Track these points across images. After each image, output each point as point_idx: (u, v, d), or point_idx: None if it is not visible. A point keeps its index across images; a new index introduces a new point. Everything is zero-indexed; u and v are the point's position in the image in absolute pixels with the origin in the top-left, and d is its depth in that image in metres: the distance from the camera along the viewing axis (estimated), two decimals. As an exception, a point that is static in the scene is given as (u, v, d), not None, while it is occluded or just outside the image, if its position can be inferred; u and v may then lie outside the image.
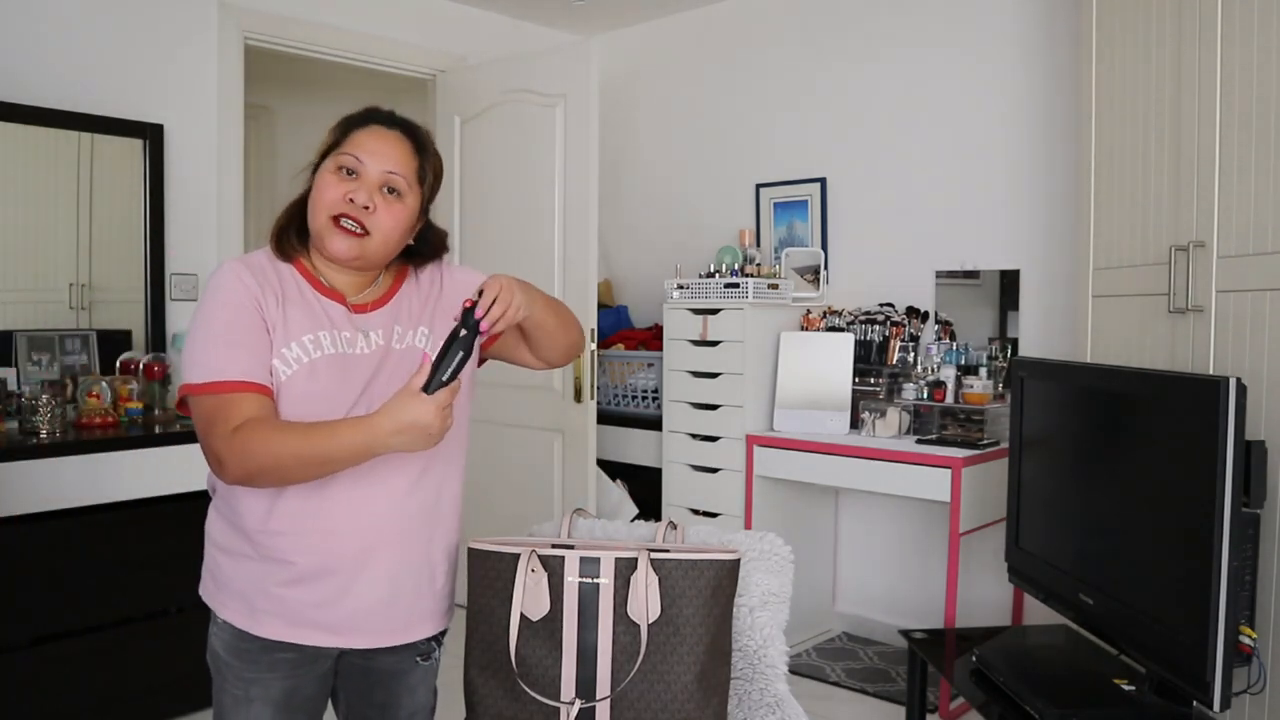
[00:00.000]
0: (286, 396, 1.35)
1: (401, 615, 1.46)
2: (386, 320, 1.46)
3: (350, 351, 1.40)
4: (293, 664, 1.43)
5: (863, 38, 3.63)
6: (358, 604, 1.41)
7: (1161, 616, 1.91)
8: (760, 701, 1.56)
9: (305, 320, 1.39)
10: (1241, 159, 2.06)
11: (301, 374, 1.36)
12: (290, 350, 1.36)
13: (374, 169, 1.38)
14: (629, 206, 4.42)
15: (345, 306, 1.43)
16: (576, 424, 3.57)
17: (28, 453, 2.48)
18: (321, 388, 1.37)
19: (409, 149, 1.42)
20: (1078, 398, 2.30)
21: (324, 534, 1.39)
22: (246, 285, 1.37)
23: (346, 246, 1.38)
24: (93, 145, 3.06)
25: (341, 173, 1.38)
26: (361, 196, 1.36)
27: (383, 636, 1.46)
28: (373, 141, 1.39)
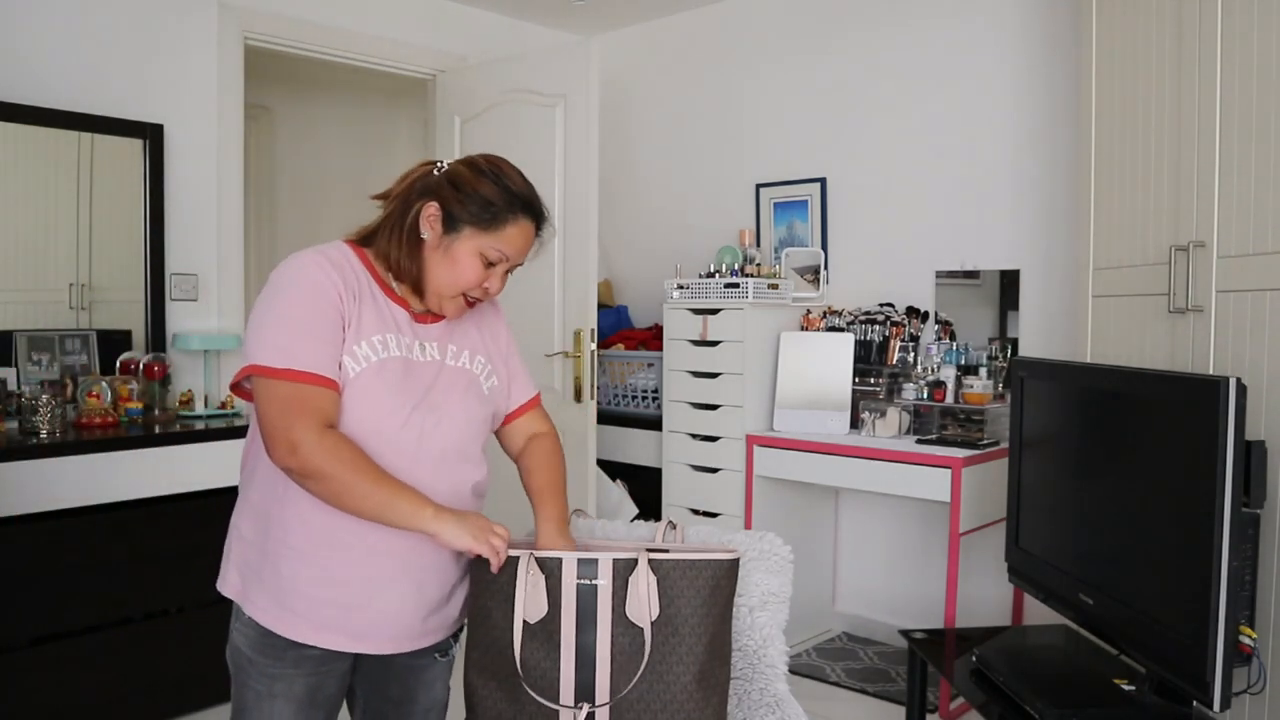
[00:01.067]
0: (352, 392, 1.38)
1: (426, 623, 1.49)
2: (442, 336, 1.51)
3: (412, 357, 1.45)
4: (318, 661, 1.45)
5: (862, 38, 3.63)
6: (386, 613, 1.44)
7: (1161, 616, 1.91)
8: (760, 701, 1.56)
9: (376, 321, 1.43)
10: (1241, 159, 2.06)
11: (370, 372, 1.39)
12: (360, 348, 1.39)
13: (510, 264, 1.49)
14: (629, 206, 4.42)
15: (409, 314, 1.48)
16: (576, 424, 3.57)
17: (28, 453, 2.48)
18: (386, 388, 1.40)
19: (531, 240, 1.52)
20: (1078, 398, 2.30)
21: (365, 547, 1.41)
22: (331, 279, 1.39)
23: (459, 315, 1.50)
24: (93, 145, 3.06)
25: (488, 262, 1.46)
26: (495, 286, 1.49)
27: (404, 643, 1.48)
28: (520, 240, 1.48)
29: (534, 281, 3.63)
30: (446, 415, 1.46)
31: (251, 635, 1.45)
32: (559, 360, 3.60)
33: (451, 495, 1.46)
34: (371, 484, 1.33)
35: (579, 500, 3.54)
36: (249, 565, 1.46)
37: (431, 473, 1.44)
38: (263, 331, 1.36)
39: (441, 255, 1.45)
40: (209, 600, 2.65)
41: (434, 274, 1.45)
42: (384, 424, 1.40)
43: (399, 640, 1.47)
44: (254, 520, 1.46)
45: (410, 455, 1.42)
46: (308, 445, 1.30)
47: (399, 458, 1.41)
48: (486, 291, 1.48)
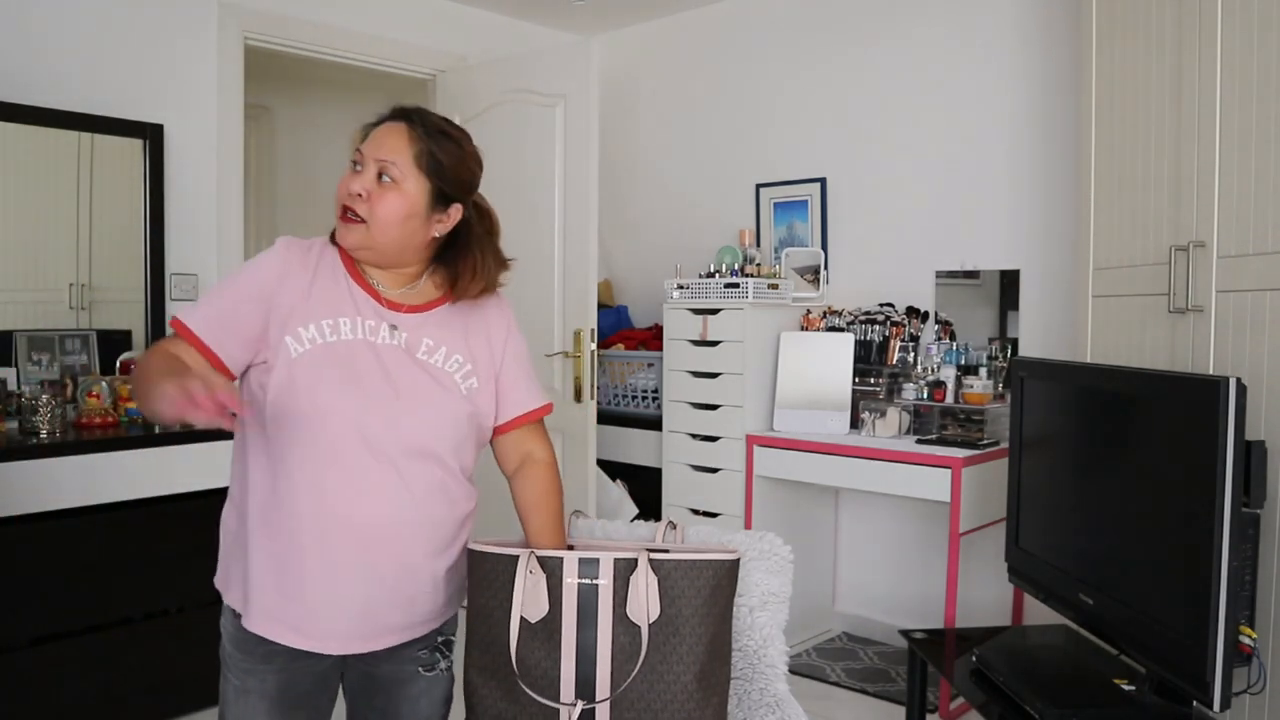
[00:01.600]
0: (299, 372, 1.37)
1: (380, 624, 1.44)
2: (417, 327, 1.47)
3: (371, 339, 1.43)
4: (287, 658, 1.44)
5: (863, 38, 3.63)
6: (330, 609, 1.40)
7: (1161, 616, 1.91)
8: (760, 701, 1.56)
9: (329, 303, 1.42)
10: (1241, 159, 2.06)
11: (315, 353, 1.39)
12: (306, 330, 1.39)
13: (370, 161, 1.42)
14: (629, 206, 4.42)
15: (377, 300, 1.46)
16: (576, 424, 3.57)
17: (28, 453, 2.48)
18: (331, 370, 1.38)
19: (405, 135, 1.42)
20: (1078, 398, 2.30)
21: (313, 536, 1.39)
22: (281, 260, 1.43)
23: (350, 236, 1.42)
24: (93, 145, 3.06)
25: (352, 167, 1.43)
26: (355, 185, 1.41)
27: (353, 643, 1.44)
28: (376, 135, 1.44)
29: (534, 281, 3.64)
30: (412, 408, 1.42)
31: (230, 629, 1.46)
32: (559, 360, 3.60)
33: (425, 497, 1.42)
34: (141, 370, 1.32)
35: (579, 500, 3.54)
36: (230, 555, 1.47)
37: (396, 470, 1.40)
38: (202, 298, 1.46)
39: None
40: (209, 600, 2.65)
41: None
42: (331, 405, 1.37)
43: (346, 640, 1.43)
44: (229, 509, 1.49)
45: (367, 444, 1.38)
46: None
47: (349, 443, 1.37)
48: (350, 192, 1.41)
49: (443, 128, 1.47)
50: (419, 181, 1.42)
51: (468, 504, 1.52)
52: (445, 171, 1.45)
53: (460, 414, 1.46)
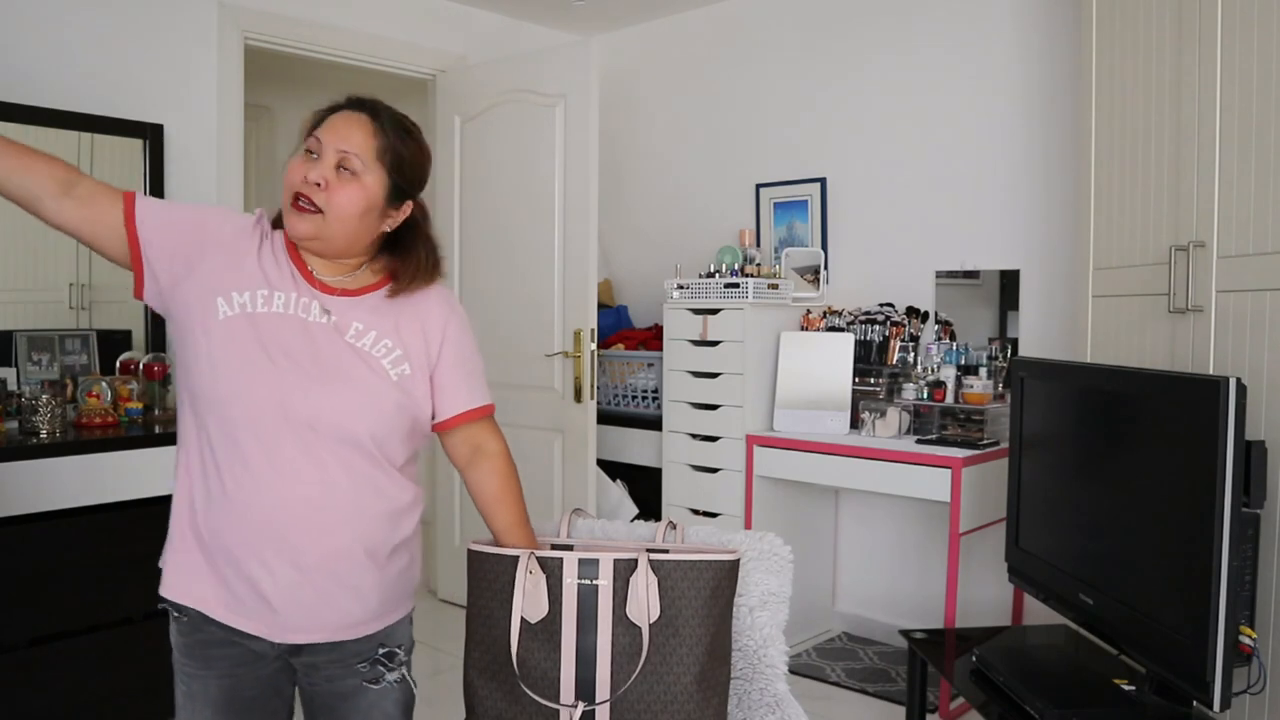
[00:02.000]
0: (224, 334, 1.35)
1: (300, 614, 1.40)
2: (347, 310, 1.43)
3: (303, 316, 1.40)
4: (231, 662, 1.43)
5: (863, 38, 3.63)
6: (248, 588, 1.38)
7: (1161, 616, 1.91)
8: (760, 701, 1.56)
9: (267, 276, 1.40)
10: (1241, 159, 2.06)
11: (241, 320, 1.36)
12: (240, 295, 1.38)
13: (330, 149, 1.39)
14: (629, 206, 4.42)
15: (311, 282, 1.43)
16: (576, 424, 3.57)
17: (28, 453, 2.48)
18: (259, 338, 1.36)
19: (368, 128, 1.41)
20: (1078, 398, 2.30)
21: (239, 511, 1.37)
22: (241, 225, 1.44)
23: (304, 225, 1.39)
24: (93, 145, 3.06)
25: (306, 155, 1.41)
26: (314, 174, 1.38)
27: (276, 630, 1.40)
28: (337, 123, 1.41)
29: (534, 282, 3.64)
30: (337, 388, 1.37)
31: (174, 632, 1.47)
32: (559, 360, 3.61)
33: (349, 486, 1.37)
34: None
35: (579, 500, 3.54)
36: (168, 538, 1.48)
37: (319, 452, 1.35)
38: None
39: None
40: (209, 600, 2.67)
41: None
42: (255, 375, 1.34)
43: (272, 626, 1.39)
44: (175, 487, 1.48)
45: (289, 420, 1.34)
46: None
47: (272, 419, 1.34)
48: (306, 180, 1.37)
49: (404, 123, 1.46)
50: (379, 176, 1.41)
51: (402, 501, 1.45)
52: (405, 168, 1.44)
53: (387, 399, 1.41)
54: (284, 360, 1.36)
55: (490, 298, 3.79)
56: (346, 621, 1.43)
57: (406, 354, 1.45)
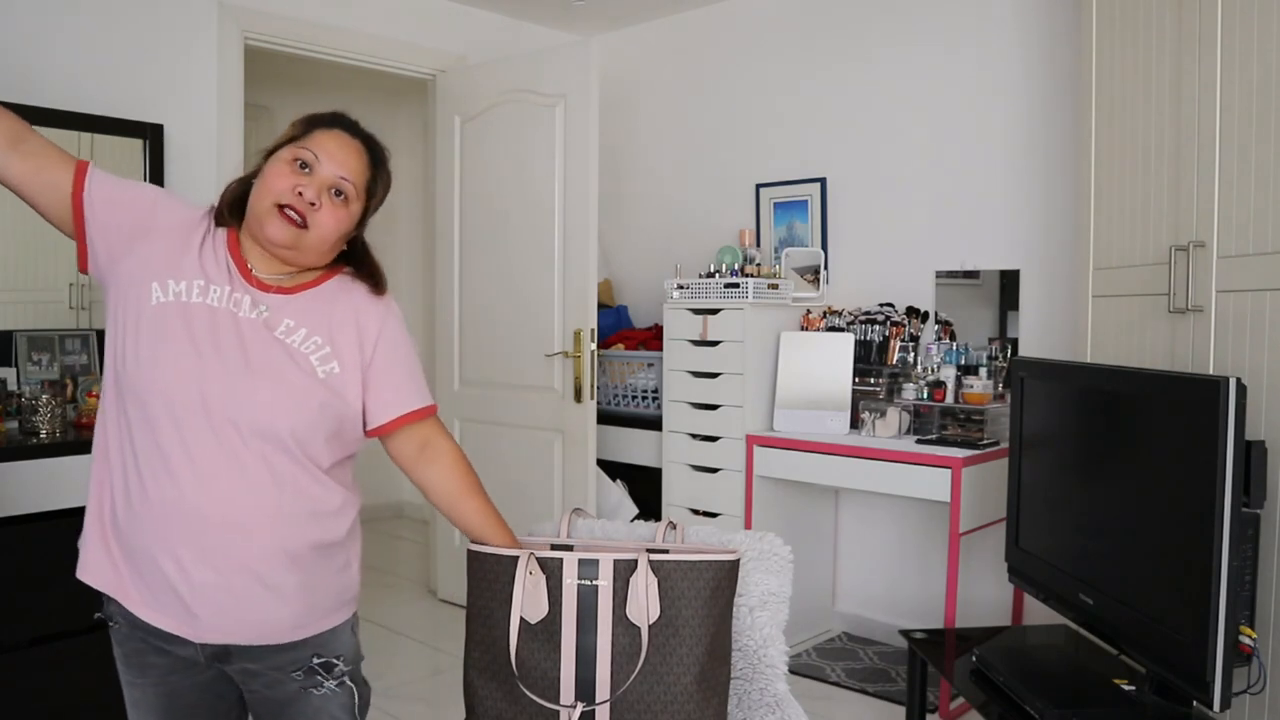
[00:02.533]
0: (153, 319, 1.34)
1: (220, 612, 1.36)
2: (279, 307, 1.42)
3: (233, 311, 1.38)
4: (164, 669, 1.43)
5: (862, 38, 3.63)
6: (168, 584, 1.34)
7: (1161, 616, 1.91)
8: (760, 701, 1.56)
9: (205, 269, 1.39)
10: (1241, 159, 2.06)
11: (173, 307, 1.35)
12: (176, 284, 1.37)
13: (328, 170, 1.40)
14: (629, 206, 4.42)
15: (247, 278, 1.42)
16: (576, 424, 3.57)
17: (28, 453, 2.48)
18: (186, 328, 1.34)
19: (366, 160, 1.45)
20: (1078, 398, 2.30)
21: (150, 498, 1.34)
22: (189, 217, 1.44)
23: (284, 234, 1.38)
24: (93, 145, 3.06)
25: (296, 165, 1.39)
26: (310, 192, 1.38)
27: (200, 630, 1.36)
28: (333, 144, 1.42)
29: (534, 281, 3.64)
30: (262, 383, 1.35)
31: (112, 640, 1.47)
32: (559, 360, 3.61)
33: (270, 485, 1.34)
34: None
35: (579, 500, 3.54)
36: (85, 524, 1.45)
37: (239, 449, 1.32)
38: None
39: (259, 180, 1.41)
40: (209, 600, 2.66)
41: (253, 198, 1.41)
42: (179, 364, 1.32)
43: (194, 625, 1.35)
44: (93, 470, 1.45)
45: (209, 413, 1.32)
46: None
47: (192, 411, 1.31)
48: (300, 196, 1.37)
49: (385, 156, 1.50)
50: (359, 204, 1.46)
51: (329, 504, 1.42)
52: (377, 201, 1.50)
53: (312, 397, 1.38)
54: (211, 353, 1.34)
55: (490, 298, 3.79)
56: (269, 623, 1.39)
57: (336, 352, 1.42)
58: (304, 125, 1.44)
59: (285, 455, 1.36)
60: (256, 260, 1.43)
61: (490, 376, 3.81)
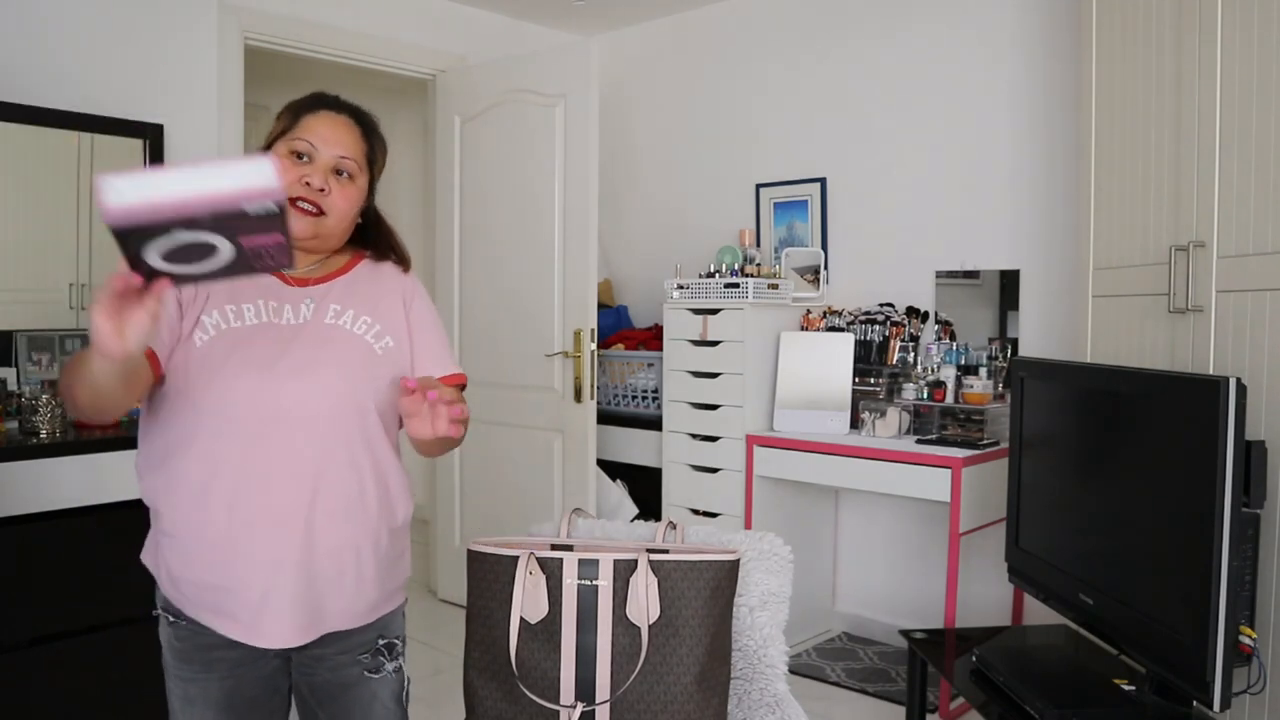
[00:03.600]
0: (203, 360, 1.35)
1: (304, 610, 1.38)
2: (323, 295, 1.45)
3: (276, 321, 1.40)
4: (231, 664, 1.42)
5: (863, 38, 3.63)
6: (255, 590, 1.35)
7: (1161, 616, 1.91)
8: (760, 701, 1.56)
9: (230, 290, 1.40)
10: (1241, 159, 2.06)
11: (219, 342, 1.36)
12: (210, 317, 1.38)
13: (326, 154, 1.43)
14: (629, 206, 4.42)
15: (283, 280, 1.44)
16: (576, 424, 3.57)
17: (28, 453, 2.48)
18: (239, 356, 1.35)
19: (358, 134, 1.48)
20: (1078, 398, 2.30)
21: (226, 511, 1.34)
22: None
23: (305, 226, 1.41)
24: (93, 145, 3.06)
25: (295, 157, 1.42)
26: (317, 180, 1.41)
27: (288, 635, 1.38)
28: (324, 127, 1.44)
29: (534, 281, 3.64)
30: (318, 374, 1.37)
31: (167, 636, 1.48)
32: (559, 360, 3.60)
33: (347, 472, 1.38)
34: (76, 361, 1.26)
35: (579, 500, 3.54)
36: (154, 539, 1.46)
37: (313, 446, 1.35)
38: None
39: None
40: (209, 600, 2.66)
41: None
42: (233, 387, 1.34)
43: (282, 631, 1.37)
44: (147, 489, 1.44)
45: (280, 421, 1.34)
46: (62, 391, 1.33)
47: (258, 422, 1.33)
48: (308, 186, 1.40)
49: (375, 123, 1.53)
50: (364, 177, 1.48)
51: (397, 486, 1.46)
52: (379, 168, 1.53)
53: (378, 375, 1.42)
54: (270, 363, 1.36)
55: (490, 298, 3.79)
56: (353, 608, 1.43)
57: (386, 328, 1.47)
58: (290, 115, 1.47)
59: (363, 443, 1.41)
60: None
61: (490, 376, 3.80)
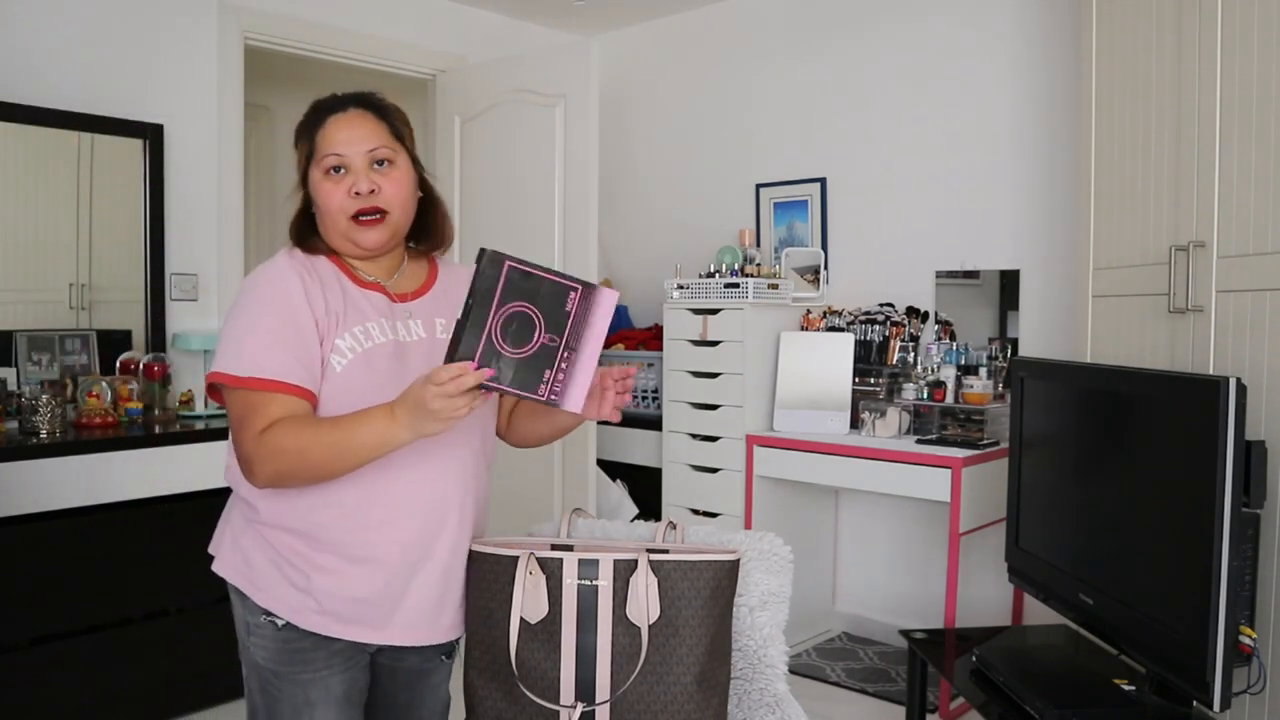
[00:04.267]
0: (344, 387, 1.35)
1: (447, 612, 1.45)
2: (427, 310, 1.48)
3: (401, 339, 1.42)
4: (347, 655, 1.42)
5: (863, 37, 3.63)
6: (410, 599, 1.40)
7: (1161, 616, 1.91)
8: (760, 701, 1.56)
9: (353, 312, 1.39)
10: (1241, 159, 2.06)
11: (357, 364, 1.36)
12: (344, 340, 1.37)
13: (357, 156, 1.40)
14: (629, 206, 4.42)
15: (386, 295, 1.45)
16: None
17: (28, 453, 2.48)
18: (379, 377, 1.36)
19: (373, 119, 1.43)
20: (1078, 398, 2.30)
21: (381, 523, 1.37)
22: (301, 280, 1.37)
23: (378, 236, 1.41)
24: (93, 145, 3.06)
25: (332, 174, 1.40)
26: (363, 185, 1.39)
27: (433, 633, 1.44)
28: (340, 132, 1.41)
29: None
30: None
31: (270, 646, 1.39)
32: (559, 360, 3.60)
33: (473, 479, 1.44)
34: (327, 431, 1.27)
35: (579, 500, 3.54)
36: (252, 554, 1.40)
37: (449, 456, 1.40)
38: (232, 338, 1.34)
39: (317, 210, 1.43)
40: (209, 600, 2.66)
41: (326, 226, 1.42)
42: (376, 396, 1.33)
43: (428, 630, 1.43)
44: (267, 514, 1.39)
45: (420, 452, 1.37)
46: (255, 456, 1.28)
47: (407, 456, 1.36)
48: (359, 195, 1.39)
49: (382, 100, 1.48)
50: (403, 155, 1.45)
51: (488, 492, 1.54)
52: (410, 140, 1.48)
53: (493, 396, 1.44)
54: (401, 380, 1.34)
55: (490, 298, 3.79)
56: (460, 620, 1.49)
57: None
58: (306, 139, 1.44)
59: (482, 446, 1.49)
60: (371, 269, 1.46)
61: (490, 376, 3.80)
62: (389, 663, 1.51)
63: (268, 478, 1.30)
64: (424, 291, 1.49)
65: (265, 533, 1.40)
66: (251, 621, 1.41)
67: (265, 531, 1.40)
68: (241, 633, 1.44)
